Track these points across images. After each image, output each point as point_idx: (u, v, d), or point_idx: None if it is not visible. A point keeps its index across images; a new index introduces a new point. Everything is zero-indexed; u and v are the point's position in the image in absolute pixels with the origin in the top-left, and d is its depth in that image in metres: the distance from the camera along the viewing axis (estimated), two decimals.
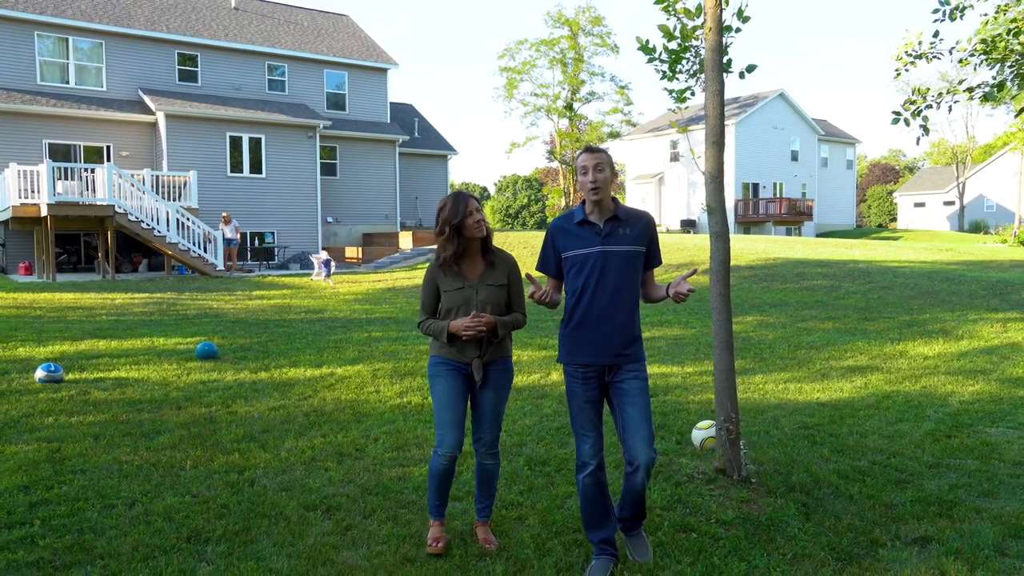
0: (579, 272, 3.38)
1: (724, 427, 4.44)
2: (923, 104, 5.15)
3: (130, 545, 3.53)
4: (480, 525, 3.67)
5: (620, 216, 3.41)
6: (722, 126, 4.43)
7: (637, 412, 3.33)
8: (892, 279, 15.07)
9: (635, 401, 3.35)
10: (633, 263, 3.40)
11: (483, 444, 3.61)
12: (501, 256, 3.59)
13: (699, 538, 3.70)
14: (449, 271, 3.50)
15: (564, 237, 3.44)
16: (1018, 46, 5.10)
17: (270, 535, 3.69)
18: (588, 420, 3.40)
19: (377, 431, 5.52)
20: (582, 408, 3.40)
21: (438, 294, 3.54)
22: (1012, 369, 7.82)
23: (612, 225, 3.39)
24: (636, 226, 3.43)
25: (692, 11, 4.61)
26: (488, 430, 3.60)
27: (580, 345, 3.40)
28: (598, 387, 3.42)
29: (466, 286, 3.48)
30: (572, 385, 3.45)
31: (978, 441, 5.36)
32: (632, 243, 3.40)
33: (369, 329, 10.78)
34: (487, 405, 3.58)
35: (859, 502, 4.20)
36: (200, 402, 6.30)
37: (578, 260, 3.39)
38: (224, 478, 4.47)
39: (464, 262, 3.52)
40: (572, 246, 3.41)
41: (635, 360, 3.43)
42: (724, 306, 4.47)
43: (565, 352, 3.47)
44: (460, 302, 3.47)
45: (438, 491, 3.57)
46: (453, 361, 3.53)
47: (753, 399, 6.67)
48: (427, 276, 3.57)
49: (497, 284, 3.52)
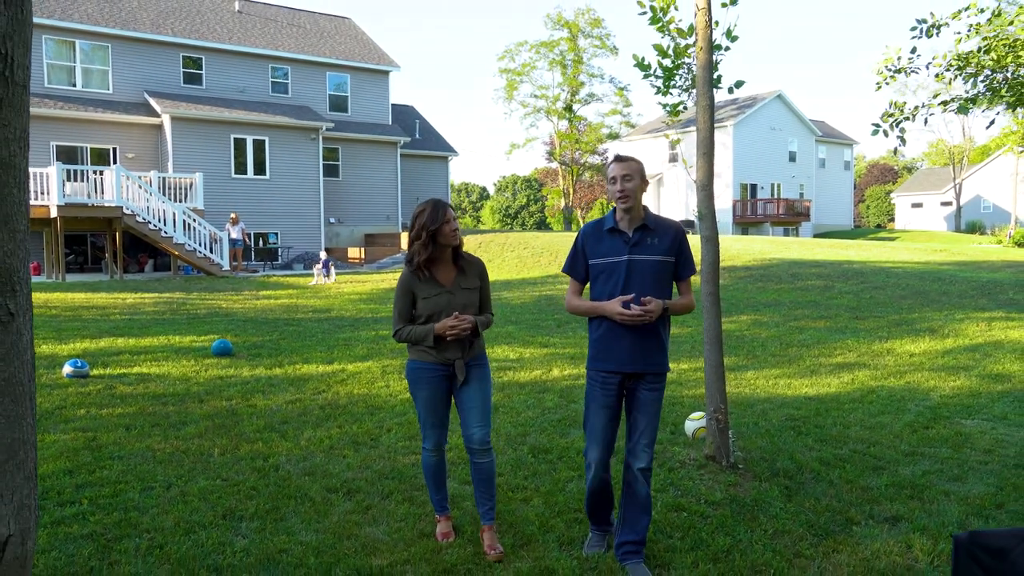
0: (607, 280, 3.43)
1: (714, 417, 4.80)
2: (900, 116, 5.52)
3: (172, 521, 3.88)
4: (486, 530, 3.68)
5: (649, 225, 3.44)
6: (712, 138, 4.79)
7: (647, 422, 3.47)
8: (885, 279, 15.42)
9: (647, 411, 3.47)
10: (662, 273, 3.43)
11: (475, 442, 3.62)
12: (470, 260, 3.69)
13: (689, 516, 4.06)
14: (424, 277, 3.57)
15: (593, 243, 3.48)
16: (989, 62, 5.46)
17: (297, 513, 4.04)
18: (601, 425, 3.48)
19: (390, 422, 5.87)
20: (598, 412, 3.49)
21: (413, 301, 3.60)
22: (993, 365, 8.18)
23: (641, 234, 3.42)
24: (665, 236, 3.45)
25: (684, 31, 4.97)
26: (478, 427, 3.63)
27: (605, 352, 3.46)
28: (617, 394, 3.49)
29: (443, 291, 3.56)
30: (592, 389, 3.52)
31: (953, 432, 5.71)
32: (661, 253, 3.42)
33: (376, 327, 11.14)
34: (474, 401, 3.65)
35: (838, 486, 4.55)
36: (221, 396, 6.66)
37: (606, 268, 3.43)
38: (250, 464, 4.82)
39: (437, 268, 3.60)
40: (600, 253, 3.46)
41: (658, 372, 3.47)
42: (714, 305, 4.82)
43: (591, 357, 3.54)
44: (440, 307, 3.54)
45: (435, 485, 3.77)
46: (433, 364, 3.61)
47: (744, 394, 7.02)
48: (401, 284, 3.62)
49: (471, 287, 3.63)
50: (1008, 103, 5.41)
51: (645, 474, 3.47)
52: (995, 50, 5.39)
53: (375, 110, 29.75)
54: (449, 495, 4.02)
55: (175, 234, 19.83)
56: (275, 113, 25.48)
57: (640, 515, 3.49)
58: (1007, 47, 5.37)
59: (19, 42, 1.45)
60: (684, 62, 5.00)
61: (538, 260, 21.55)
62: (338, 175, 28.15)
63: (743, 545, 3.73)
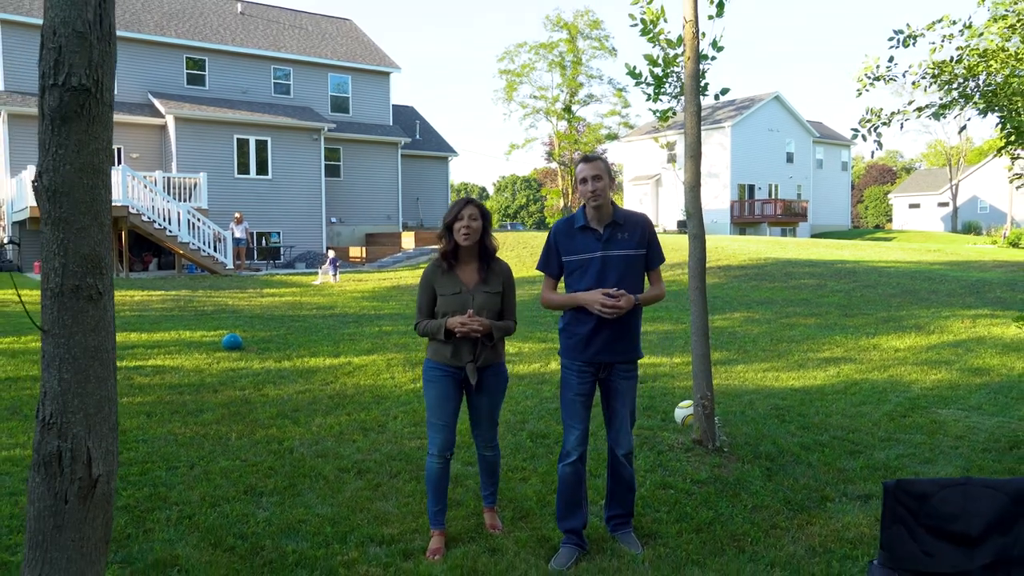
0: (581, 275, 3.58)
1: (700, 403, 5.12)
2: (878, 122, 5.85)
3: (198, 496, 4.21)
4: (487, 511, 3.92)
5: (619, 221, 3.60)
6: (699, 142, 5.12)
7: (623, 409, 3.68)
8: (876, 278, 15.76)
9: (624, 400, 3.67)
10: (634, 266, 3.59)
11: (482, 440, 3.85)
12: (498, 266, 3.72)
13: (675, 493, 4.38)
14: (445, 270, 3.65)
15: (566, 241, 3.64)
16: (962, 71, 5.80)
17: (313, 490, 4.37)
18: (577, 412, 3.65)
19: (395, 411, 6.20)
20: (573, 400, 3.65)
21: (434, 296, 3.65)
22: (973, 360, 8.51)
23: (612, 230, 3.58)
24: (635, 230, 3.62)
25: (673, 41, 5.29)
26: (485, 430, 3.81)
27: (580, 343, 3.62)
28: (592, 382, 3.66)
29: (463, 291, 3.60)
30: (568, 377, 3.68)
31: (929, 420, 6.04)
32: (632, 247, 3.59)
33: (379, 324, 11.47)
34: (483, 409, 3.75)
35: (816, 467, 4.88)
36: (234, 386, 6.98)
37: (580, 264, 3.58)
38: (266, 447, 5.15)
39: (462, 267, 3.65)
40: (574, 250, 3.61)
41: (630, 360, 3.66)
42: (700, 299, 5.15)
43: (564, 349, 3.70)
44: (456, 307, 3.58)
45: (435, 495, 3.68)
46: (447, 366, 3.65)
47: (733, 385, 7.35)
48: (424, 278, 3.70)
49: (493, 291, 3.64)
50: (979, 109, 5.74)
51: (628, 458, 3.73)
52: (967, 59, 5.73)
53: (376, 111, 30.08)
54: (448, 496, 3.97)
55: (180, 233, 20.14)
56: (277, 114, 25.81)
57: (626, 493, 3.76)
58: (979, 56, 5.71)
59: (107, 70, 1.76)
60: (673, 71, 5.32)
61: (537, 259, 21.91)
62: (339, 175, 28.47)
63: (724, 518, 4.05)
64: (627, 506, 3.79)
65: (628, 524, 3.80)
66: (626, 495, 3.77)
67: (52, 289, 1.80)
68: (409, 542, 3.71)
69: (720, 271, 17.93)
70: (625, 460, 3.74)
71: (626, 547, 3.67)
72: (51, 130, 1.75)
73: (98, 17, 1.71)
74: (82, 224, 1.78)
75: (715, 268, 18.11)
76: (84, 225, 1.78)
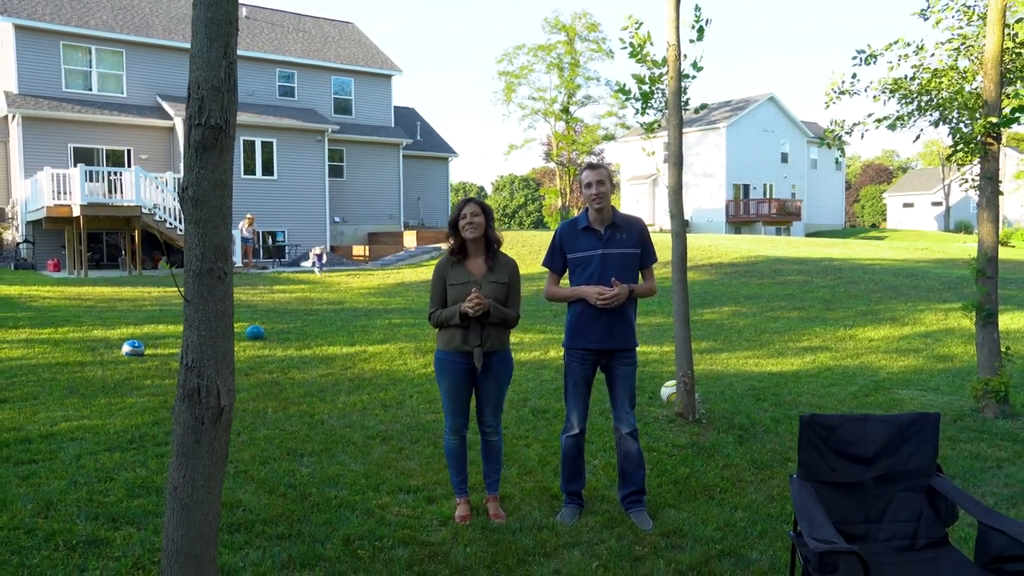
0: (583, 271, 4.01)
1: (682, 380, 5.83)
2: (841, 131, 6.57)
3: (248, 456, 4.91)
4: (491, 499, 4.14)
5: (618, 223, 4.03)
6: (680, 151, 5.83)
7: (625, 392, 4.08)
8: (861, 275, 16.48)
9: (625, 383, 4.07)
10: (630, 263, 4.02)
11: (486, 425, 4.13)
12: (504, 259, 4.05)
13: (658, 455, 5.09)
14: (455, 265, 3.98)
15: (570, 240, 4.07)
16: (916, 87, 6.51)
17: (346, 452, 5.07)
18: (579, 395, 4.09)
19: (411, 391, 6.90)
20: (576, 384, 4.08)
21: (446, 287, 4.00)
22: (940, 349, 9.23)
23: (611, 231, 4.01)
24: (632, 231, 4.06)
25: (659, 62, 6.00)
26: (490, 415, 4.11)
27: (583, 333, 4.02)
28: (593, 368, 4.07)
29: (471, 280, 3.93)
30: (571, 364, 4.08)
31: (888, 398, 6.76)
32: (629, 246, 4.01)
33: (388, 317, 12.17)
34: (489, 393, 4.06)
35: (783, 436, 5.58)
36: (262, 370, 7.68)
37: (582, 261, 4.02)
38: (300, 419, 5.85)
39: (470, 260, 4.00)
40: (577, 248, 4.04)
41: (629, 348, 4.05)
42: (682, 289, 5.86)
43: (569, 338, 4.10)
44: (466, 295, 3.88)
45: (456, 467, 4.11)
46: (456, 353, 3.97)
47: (716, 370, 8.06)
48: (436, 271, 4.04)
49: (499, 281, 3.96)
50: (932, 122, 6.45)
51: (633, 435, 4.11)
52: (920, 76, 6.45)
53: (378, 113, 30.78)
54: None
55: None
56: (282, 116, 26.49)
57: (636, 469, 4.10)
58: (930, 74, 6.43)
59: (232, 113, 2.45)
60: (658, 88, 6.03)
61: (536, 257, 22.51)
62: (343, 176, 29.16)
63: (698, 474, 4.76)
64: (638, 482, 4.10)
65: (641, 502, 4.09)
66: (635, 471, 4.10)
67: (193, 270, 2.51)
68: (432, 491, 4.41)
69: (712, 268, 18.63)
70: (630, 437, 4.10)
71: (637, 524, 3.97)
72: (195, 156, 2.46)
73: (227, 75, 2.40)
74: (215, 223, 2.48)
75: (707, 265, 18.81)
76: (216, 224, 2.48)
